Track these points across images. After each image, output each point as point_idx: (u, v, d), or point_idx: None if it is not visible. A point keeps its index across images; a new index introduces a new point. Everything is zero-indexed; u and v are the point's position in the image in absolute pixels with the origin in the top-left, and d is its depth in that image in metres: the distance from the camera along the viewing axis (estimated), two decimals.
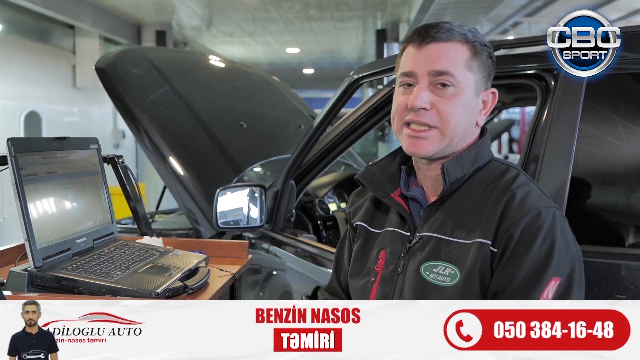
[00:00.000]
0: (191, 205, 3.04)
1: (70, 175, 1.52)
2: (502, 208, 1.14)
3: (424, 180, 1.26)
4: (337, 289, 1.42)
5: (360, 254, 1.32)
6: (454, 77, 1.17)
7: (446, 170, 1.18)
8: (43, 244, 1.35)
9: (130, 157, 10.77)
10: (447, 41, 1.18)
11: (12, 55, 8.17)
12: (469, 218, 1.17)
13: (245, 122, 3.59)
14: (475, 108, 1.22)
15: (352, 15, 10.24)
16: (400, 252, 1.24)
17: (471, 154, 1.21)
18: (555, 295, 1.08)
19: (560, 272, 1.10)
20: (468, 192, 1.20)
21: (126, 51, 3.90)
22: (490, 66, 1.23)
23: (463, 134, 1.21)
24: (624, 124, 1.64)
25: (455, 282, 1.14)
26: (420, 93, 1.18)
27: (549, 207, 1.14)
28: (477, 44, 1.20)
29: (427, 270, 1.18)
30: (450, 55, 1.17)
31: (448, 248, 1.17)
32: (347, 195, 3.36)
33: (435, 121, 1.18)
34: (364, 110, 2.33)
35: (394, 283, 1.23)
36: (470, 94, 1.19)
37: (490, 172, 1.22)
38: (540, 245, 1.10)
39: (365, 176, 1.32)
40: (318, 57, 15.01)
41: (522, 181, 1.18)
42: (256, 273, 2.67)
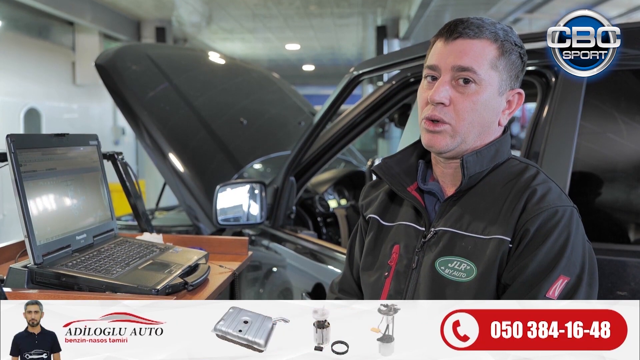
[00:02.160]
0: (191, 201, 3.05)
1: (70, 172, 1.52)
2: (523, 204, 1.14)
3: (442, 176, 1.26)
4: (350, 283, 1.41)
5: (373, 247, 1.32)
6: (477, 75, 1.16)
7: (466, 164, 1.18)
8: (43, 241, 1.35)
9: (130, 153, 10.77)
10: (474, 38, 1.17)
11: (11, 51, 8.16)
12: (486, 214, 1.17)
13: (245, 119, 3.59)
14: (497, 107, 1.20)
15: (352, 12, 10.23)
16: (414, 247, 1.23)
17: (491, 150, 1.21)
18: (561, 293, 1.08)
19: (569, 272, 1.09)
20: (486, 188, 1.20)
21: (126, 48, 3.90)
22: (520, 66, 1.22)
23: (480, 132, 1.20)
24: (625, 120, 1.64)
25: (472, 278, 1.14)
26: (440, 88, 1.17)
27: (567, 206, 1.14)
28: (506, 43, 1.19)
29: (442, 266, 1.17)
30: (476, 53, 1.17)
31: (463, 243, 1.16)
32: (347, 192, 3.37)
33: (449, 117, 1.18)
34: (364, 106, 2.33)
35: (408, 278, 1.22)
36: (492, 93, 1.18)
37: (509, 169, 1.21)
38: (553, 242, 1.10)
39: (382, 168, 1.31)
40: (318, 54, 15.00)
41: (542, 179, 1.18)
42: (256, 270, 2.67)
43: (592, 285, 1.12)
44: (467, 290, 1.13)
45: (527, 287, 1.09)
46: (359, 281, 1.37)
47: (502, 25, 1.22)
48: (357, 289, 1.38)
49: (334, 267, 2.13)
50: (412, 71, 2.10)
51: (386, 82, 2.25)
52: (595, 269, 1.14)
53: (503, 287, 1.13)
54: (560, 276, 1.09)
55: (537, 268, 1.10)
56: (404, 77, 2.15)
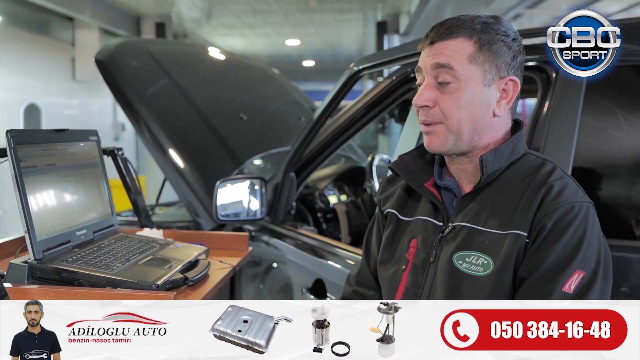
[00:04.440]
0: (191, 197, 3.04)
1: (70, 168, 1.52)
2: (540, 200, 1.15)
3: (457, 172, 1.27)
4: (367, 276, 1.42)
5: (390, 241, 1.33)
6: (455, 71, 1.18)
7: (484, 162, 1.19)
8: (43, 236, 1.35)
9: (130, 149, 10.77)
10: (449, 38, 1.20)
11: (11, 47, 8.15)
12: (503, 209, 1.18)
13: (246, 115, 3.58)
14: (486, 100, 1.20)
15: (352, 7, 10.22)
16: (432, 241, 1.24)
17: (509, 147, 1.22)
18: (577, 288, 1.09)
19: (585, 266, 1.11)
20: (503, 184, 1.21)
21: (126, 43, 3.89)
22: (508, 54, 1.21)
23: (474, 127, 1.20)
24: (625, 116, 1.64)
25: (489, 272, 1.15)
26: (423, 92, 1.21)
27: (583, 201, 1.16)
28: (485, 35, 1.19)
29: (460, 260, 1.18)
30: (451, 51, 1.19)
31: (481, 238, 1.18)
32: (347, 187, 3.37)
33: (438, 117, 1.20)
34: (364, 102, 2.33)
35: (426, 272, 1.23)
36: (476, 87, 1.19)
37: (526, 165, 1.23)
38: (570, 237, 1.11)
39: (399, 165, 1.33)
40: (318, 49, 14.98)
41: (558, 175, 1.19)
42: (256, 265, 2.68)
43: (607, 280, 1.14)
44: (484, 284, 1.15)
45: (544, 281, 1.10)
46: (376, 274, 1.38)
47: (486, 17, 1.22)
48: (375, 282, 1.39)
49: (334, 262, 2.13)
50: (413, 67, 2.09)
51: (386, 77, 2.24)
52: (610, 263, 1.15)
53: (519, 282, 1.14)
54: (576, 271, 1.10)
55: (554, 262, 1.11)
56: (404, 73, 2.14)
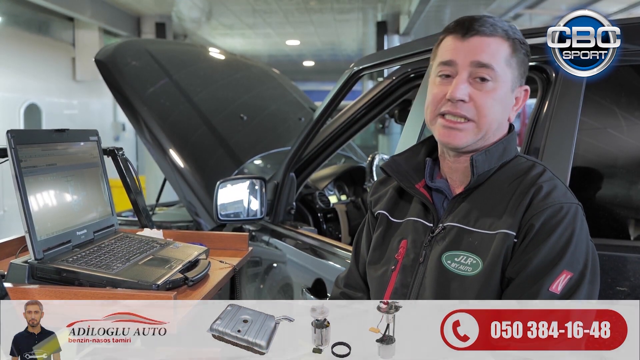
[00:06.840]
0: (191, 197, 3.05)
1: (70, 168, 1.52)
2: (529, 200, 1.15)
3: (450, 173, 1.28)
4: (356, 278, 1.42)
5: (380, 242, 1.33)
6: (495, 71, 1.19)
7: (475, 163, 1.20)
8: (43, 236, 1.35)
9: (131, 149, 10.77)
10: (490, 36, 1.19)
11: (11, 47, 8.15)
12: (493, 210, 1.18)
13: (246, 115, 3.58)
14: (509, 104, 1.23)
15: (352, 7, 10.21)
16: (422, 242, 1.25)
17: (499, 148, 1.23)
18: (564, 288, 1.09)
19: (573, 267, 1.11)
20: (493, 185, 1.22)
21: (126, 43, 3.88)
22: (526, 64, 1.25)
23: (497, 128, 1.22)
24: (625, 116, 1.64)
25: (477, 272, 1.15)
26: (460, 85, 1.19)
27: (572, 203, 1.16)
28: (516, 41, 1.22)
29: (449, 260, 1.19)
30: (492, 50, 1.19)
31: (470, 238, 1.18)
32: (347, 187, 3.36)
33: (472, 114, 1.20)
34: (364, 102, 2.33)
35: (415, 272, 1.23)
36: (507, 89, 1.21)
37: (516, 167, 1.23)
38: (558, 237, 1.12)
39: (391, 166, 1.33)
40: (318, 49, 14.97)
41: (548, 176, 1.20)
42: (256, 265, 2.68)
43: (594, 283, 1.13)
44: (472, 284, 1.15)
45: (531, 281, 1.10)
46: (364, 276, 1.38)
47: (509, 23, 1.24)
48: (363, 284, 1.39)
49: (334, 262, 2.13)
50: (413, 67, 2.10)
51: (386, 77, 2.24)
52: (597, 267, 1.15)
53: (507, 281, 1.14)
54: (563, 271, 1.10)
55: (541, 262, 1.11)
56: (404, 73, 2.14)
